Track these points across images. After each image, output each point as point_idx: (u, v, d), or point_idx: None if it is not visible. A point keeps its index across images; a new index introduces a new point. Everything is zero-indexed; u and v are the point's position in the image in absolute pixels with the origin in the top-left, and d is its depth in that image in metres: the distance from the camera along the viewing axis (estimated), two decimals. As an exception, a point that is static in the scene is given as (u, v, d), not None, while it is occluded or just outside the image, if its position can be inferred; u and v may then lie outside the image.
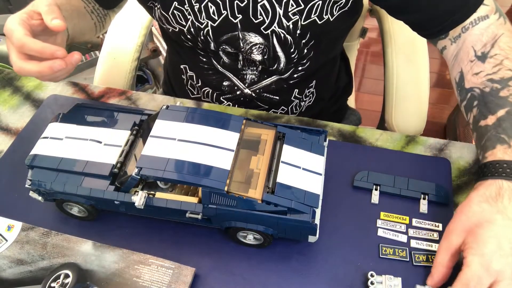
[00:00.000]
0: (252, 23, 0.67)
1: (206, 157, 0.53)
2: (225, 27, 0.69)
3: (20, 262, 0.55)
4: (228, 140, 0.55)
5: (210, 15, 0.68)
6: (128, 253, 0.56)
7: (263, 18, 0.67)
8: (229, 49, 0.72)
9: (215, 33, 0.70)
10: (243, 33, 0.69)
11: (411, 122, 0.88)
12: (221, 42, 0.71)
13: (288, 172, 0.54)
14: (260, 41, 0.70)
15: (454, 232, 0.52)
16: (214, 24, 0.68)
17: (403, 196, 0.63)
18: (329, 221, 0.60)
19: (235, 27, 0.68)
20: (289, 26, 0.67)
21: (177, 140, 0.55)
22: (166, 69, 0.97)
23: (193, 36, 0.71)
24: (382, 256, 0.57)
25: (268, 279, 0.56)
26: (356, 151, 0.69)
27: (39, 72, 0.57)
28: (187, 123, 0.57)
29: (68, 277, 0.54)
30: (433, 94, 1.98)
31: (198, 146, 0.54)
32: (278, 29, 0.68)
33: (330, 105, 0.93)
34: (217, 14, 0.67)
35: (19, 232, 0.58)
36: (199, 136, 0.55)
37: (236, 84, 0.79)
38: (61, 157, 0.56)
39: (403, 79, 0.89)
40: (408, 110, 0.89)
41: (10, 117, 0.76)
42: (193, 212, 0.53)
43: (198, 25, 0.69)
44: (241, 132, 0.57)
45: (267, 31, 0.68)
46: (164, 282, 0.53)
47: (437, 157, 0.68)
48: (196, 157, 0.53)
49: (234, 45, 0.71)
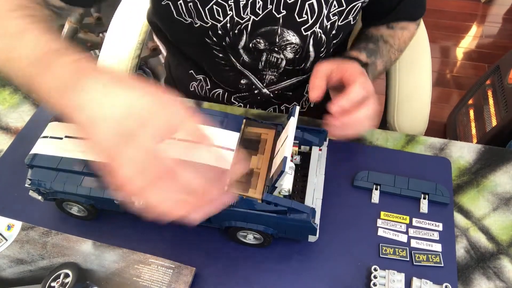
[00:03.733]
0: (294, 21, 0.66)
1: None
2: (266, 21, 0.67)
3: (20, 262, 0.55)
4: (228, 139, 0.55)
5: (255, 10, 0.65)
6: (128, 253, 0.56)
7: (307, 18, 0.66)
8: (261, 43, 0.70)
9: (253, 26, 0.67)
10: (282, 29, 0.67)
11: (413, 124, 0.88)
12: (257, 35, 0.69)
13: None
14: (296, 41, 0.69)
15: (326, 64, 0.62)
16: (256, 18, 0.66)
17: (403, 196, 0.63)
18: (329, 221, 0.60)
19: (277, 22, 0.67)
20: (327, 26, 0.67)
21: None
22: (168, 67, 0.96)
23: (224, 32, 0.69)
24: (382, 255, 0.57)
25: (268, 279, 0.56)
26: (356, 151, 0.69)
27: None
28: None
29: (68, 277, 0.54)
30: (433, 93, 1.98)
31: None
32: (318, 29, 0.67)
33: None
34: (262, 9, 0.65)
35: (19, 232, 0.58)
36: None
37: (254, 83, 0.78)
38: (61, 157, 0.56)
39: (405, 80, 0.89)
40: (410, 112, 0.89)
41: (10, 116, 0.75)
42: None
43: (237, 20, 0.66)
44: (241, 132, 0.57)
45: (307, 32, 0.67)
46: (164, 282, 0.53)
47: (437, 157, 0.68)
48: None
49: (269, 39, 0.69)
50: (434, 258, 0.57)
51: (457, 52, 2.19)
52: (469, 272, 0.57)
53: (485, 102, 1.51)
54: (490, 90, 1.50)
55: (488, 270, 0.57)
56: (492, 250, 0.59)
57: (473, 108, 1.59)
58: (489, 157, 0.68)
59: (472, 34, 2.28)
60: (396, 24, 0.77)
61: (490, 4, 2.44)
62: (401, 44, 0.79)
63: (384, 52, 0.75)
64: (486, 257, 0.58)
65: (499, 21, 2.35)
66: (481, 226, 0.61)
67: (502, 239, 0.60)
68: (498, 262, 0.58)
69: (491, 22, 2.34)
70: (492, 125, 1.41)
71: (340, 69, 0.61)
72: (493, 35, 2.28)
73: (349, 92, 0.57)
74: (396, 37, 0.77)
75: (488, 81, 1.54)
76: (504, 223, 0.62)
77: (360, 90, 0.57)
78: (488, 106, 1.47)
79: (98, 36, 1.66)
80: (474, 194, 0.64)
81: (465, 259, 0.58)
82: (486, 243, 0.60)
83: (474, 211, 0.63)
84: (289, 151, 0.50)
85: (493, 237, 0.60)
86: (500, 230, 0.61)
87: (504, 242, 0.60)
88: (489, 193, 0.65)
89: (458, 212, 0.63)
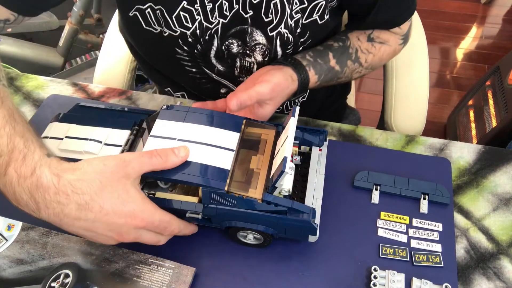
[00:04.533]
0: (261, 21, 0.66)
1: (206, 156, 0.53)
2: (235, 21, 0.67)
3: (20, 262, 0.55)
4: (229, 139, 0.55)
5: (222, 13, 0.65)
6: (128, 253, 0.56)
7: (272, 18, 0.66)
8: (234, 44, 0.70)
9: (223, 29, 0.68)
10: (252, 28, 0.68)
11: (410, 124, 0.88)
12: (228, 36, 0.69)
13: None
14: (263, 42, 0.69)
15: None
16: (225, 21, 0.66)
17: (403, 196, 0.63)
18: (329, 221, 0.60)
19: (245, 22, 0.67)
20: (292, 25, 0.67)
21: (177, 140, 0.55)
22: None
23: (195, 39, 0.68)
24: (382, 256, 0.57)
25: (268, 279, 0.56)
26: (356, 151, 0.69)
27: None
28: (187, 123, 0.57)
29: (68, 277, 0.54)
30: (433, 94, 1.98)
31: (198, 145, 0.54)
32: (283, 29, 0.67)
33: (328, 104, 0.93)
34: (229, 10, 0.65)
35: (19, 232, 0.58)
36: (200, 136, 0.55)
37: (233, 90, 0.78)
38: (61, 157, 0.56)
39: (402, 80, 0.89)
40: (407, 112, 0.89)
41: (10, 117, 0.75)
42: (193, 212, 0.53)
43: (206, 25, 0.66)
44: (242, 132, 0.57)
45: (273, 32, 0.68)
46: (164, 282, 0.53)
47: (437, 157, 0.68)
48: (196, 156, 0.53)
49: (241, 38, 0.69)
50: (434, 259, 0.57)
51: (457, 53, 2.19)
52: (469, 272, 0.57)
53: (485, 103, 1.51)
54: (490, 91, 1.50)
55: (488, 270, 0.57)
56: (492, 251, 0.59)
57: (473, 109, 1.59)
58: (489, 158, 0.68)
59: (472, 35, 2.28)
60: (377, 35, 0.74)
61: (490, 5, 2.44)
62: (375, 61, 0.76)
63: (338, 74, 0.73)
64: (486, 257, 0.58)
65: (499, 22, 2.35)
66: (481, 227, 0.61)
67: (502, 239, 0.60)
68: (498, 263, 0.58)
69: (491, 23, 2.34)
70: (492, 126, 1.41)
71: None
72: (493, 36, 2.28)
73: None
74: (371, 53, 0.74)
75: (488, 82, 1.54)
76: (504, 223, 0.62)
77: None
78: (488, 107, 1.48)
79: (98, 37, 1.66)
80: (474, 194, 0.65)
81: (465, 259, 0.58)
82: (486, 243, 0.60)
83: (474, 212, 0.63)
84: (289, 151, 0.50)
85: (493, 238, 0.60)
86: (500, 230, 0.61)
87: (504, 242, 0.60)
88: (489, 193, 0.65)
89: (458, 213, 0.63)
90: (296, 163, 0.59)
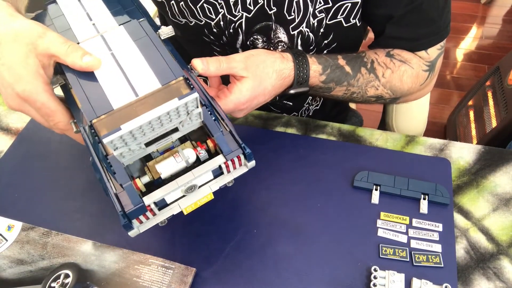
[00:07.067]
0: (284, 18, 0.66)
1: (109, 82, 0.45)
2: (260, 17, 0.67)
3: (20, 262, 0.55)
4: (145, 83, 0.44)
5: (246, 6, 0.65)
6: (128, 253, 0.56)
7: (294, 16, 0.66)
8: (259, 40, 0.70)
9: (248, 24, 0.68)
10: (276, 25, 0.68)
11: (412, 125, 0.88)
12: (253, 32, 0.69)
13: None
14: (285, 40, 0.69)
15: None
16: (249, 15, 0.66)
17: (403, 196, 0.63)
18: (329, 221, 0.60)
19: (269, 18, 0.67)
20: (314, 24, 0.67)
21: (110, 53, 0.47)
22: None
23: (219, 30, 0.69)
24: (382, 256, 0.57)
25: (268, 279, 0.56)
26: (356, 151, 0.69)
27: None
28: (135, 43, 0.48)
29: (68, 277, 0.54)
30: (433, 94, 1.98)
31: (114, 66, 0.46)
32: (305, 28, 0.67)
33: (331, 107, 0.93)
34: (253, 5, 0.65)
35: (19, 232, 0.58)
36: (125, 60, 0.46)
37: None
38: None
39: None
40: (409, 113, 0.89)
41: (11, 117, 0.76)
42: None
43: (230, 18, 0.67)
44: (165, 86, 0.43)
45: (294, 31, 0.68)
46: (164, 282, 0.53)
47: (437, 157, 0.68)
48: (101, 75, 0.45)
49: (266, 34, 0.69)
50: (434, 259, 0.57)
51: (457, 53, 2.19)
52: (469, 272, 0.57)
53: (485, 103, 1.51)
54: (490, 91, 1.50)
55: (488, 270, 0.57)
56: (492, 251, 0.59)
57: (473, 109, 1.59)
58: (489, 158, 0.68)
59: (472, 36, 2.28)
60: (398, 53, 0.69)
61: (490, 5, 2.44)
62: (394, 80, 0.68)
63: (349, 78, 0.67)
64: (486, 257, 0.58)
65: (499, 22, 2.35)
66: (481, 227, 0.61)
67: (502, 239, 0.60)
68: (498, 263, 0.58)
69: (491, 24, 2.34)
70: (492, 126, 1.41)
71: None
72: (493, 36, 2.28)
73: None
74: (390, 68, 0.68)
75: (488, 82, 1.54)
76: (504, 223, 0.62)
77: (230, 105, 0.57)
78: (488, 107, 1.48)
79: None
80: (474, 194, 0.65)
81: (465, 260, 0.58)
82: (486, 243, 0.60)
83: (474, 212, 0.63)
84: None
85: (493, 238, 0.60)
86: (500, 230, 0.61)
87: (504, 242, 0.60)
88: (489, 193, 0.65)
89: (458, 213, 0.63)
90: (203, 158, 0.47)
